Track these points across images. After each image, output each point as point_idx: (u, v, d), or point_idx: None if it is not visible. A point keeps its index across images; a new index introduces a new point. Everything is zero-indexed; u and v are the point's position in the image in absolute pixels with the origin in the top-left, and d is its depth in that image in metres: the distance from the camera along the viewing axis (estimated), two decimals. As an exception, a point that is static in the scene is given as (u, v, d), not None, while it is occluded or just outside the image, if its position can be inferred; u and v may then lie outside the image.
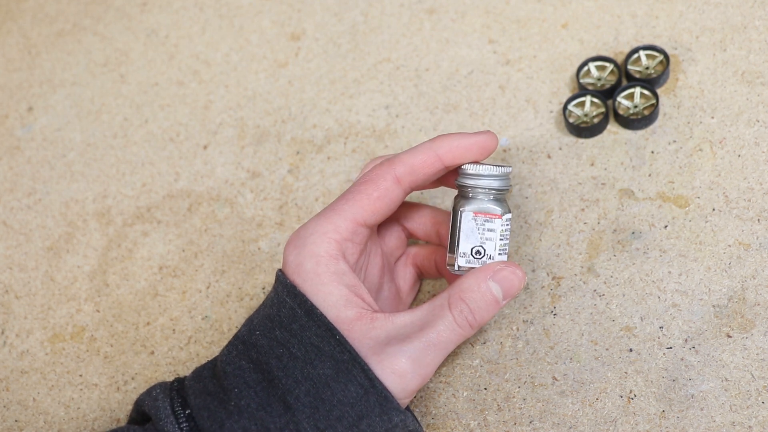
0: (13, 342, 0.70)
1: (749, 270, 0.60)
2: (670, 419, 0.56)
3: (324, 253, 0.53)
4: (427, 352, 0.52)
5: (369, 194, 0.55)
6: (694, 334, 0.59)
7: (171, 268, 0.70)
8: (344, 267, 0.53)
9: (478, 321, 0.53)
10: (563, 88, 0.71)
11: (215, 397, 0.52)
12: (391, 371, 0.51)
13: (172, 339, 0.67)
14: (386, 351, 0.51)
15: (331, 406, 0.50)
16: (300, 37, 0.79)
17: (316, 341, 0.51)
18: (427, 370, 0.52)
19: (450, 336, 0.52)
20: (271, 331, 0.53)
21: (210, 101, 0.78)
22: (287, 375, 0.51)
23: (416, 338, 0.52)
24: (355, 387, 0.50)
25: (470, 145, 0.55)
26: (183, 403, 0.53)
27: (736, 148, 0.65)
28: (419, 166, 0.55)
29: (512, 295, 0.54)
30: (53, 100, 0.82)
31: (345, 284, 0.53)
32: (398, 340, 0.52)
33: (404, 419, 0.51)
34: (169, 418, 0.52)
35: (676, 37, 0.70)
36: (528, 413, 0.58)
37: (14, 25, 0.88)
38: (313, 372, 0.51)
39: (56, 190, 0.77)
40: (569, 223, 0.65)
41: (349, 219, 0.54)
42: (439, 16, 0.77)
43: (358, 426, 0.50)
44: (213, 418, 0.51)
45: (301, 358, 0.51)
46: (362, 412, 0.50)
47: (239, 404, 0.51)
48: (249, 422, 0.51)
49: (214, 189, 0.73)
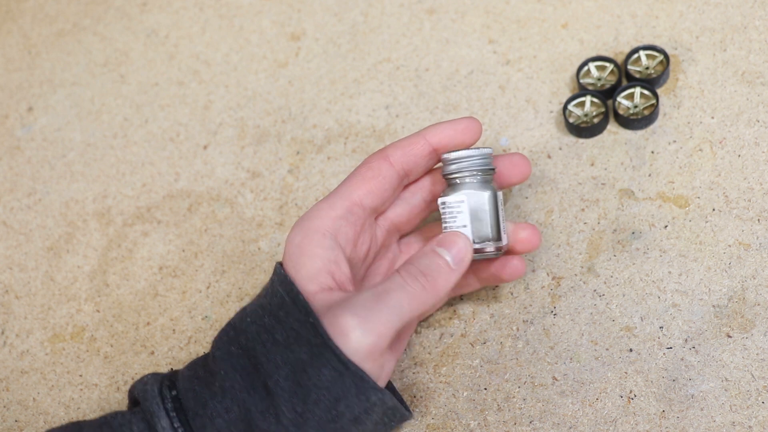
0: (13, 342, 0.70)
1: (749, 270, 0.60)
2: (670, 419, 0.56)
3: (314, 227, 0.55)
4: (373, 306, 0.52)
5: (363, 175, 0.57)
6: (694, 334, 0.59)
7: (171, 268, 0.70)
8: (329, 242, 0.55)
9: (430, 282, 0.53)
10: (563, 88, 0.71)
11: (202, 381, 0.54)
12: (339, 331, 0.51)
13: (172, 339, 0.67)
14: (332, 311, 0.52)
15: (308, 390, 0.51)
16: (300, 37, 0.79)
17: (296, 326, 0.52)
18: (380, 328, 0.51)
19: (400, 294, 0.52)
20: (261, 318, 0.54)
21: (210, 101, 0.78)
22: (269, 360, 0.52)
23: (361, 294, 0.52)
24: (329, 371, 0.51)
25: (455, 127, 0.58)
26: (171, 386, 0.55)
27: (736, 148, 0.65)
28: (409, 148, 0.58)
29: (462, 260, 0.55)
30: (53, 100, 0.82)
31: (323, 258, 0.55)
32: (346, 301, 0.53)
33: (382, 397, 0.52)
34: (156, 399, 0.53)
35: (676, 37, 0.70)
36: (528, 413, 0.58)
37: (14, 25, 0.88)
38: (292, 357, 0.52)
39: (56, 190, 0.77)
40: (569, 223, 0.65)
41: (344, 198, 0.57)
42: (439, 16, 0.77)
43: (336, 408, 0.51)
44: (197, 399, 0.53)
45: (282, 343, 0.52)
46: (339, 394, 0.51)
47: (223, 385, 0.52)
48: (232, 403, 0.52)
49: (214, 189, 0.73)
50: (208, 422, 0.52)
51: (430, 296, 0.53)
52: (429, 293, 0.53)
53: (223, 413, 0.52)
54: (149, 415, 0.53)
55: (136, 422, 0.53)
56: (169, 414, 0.53)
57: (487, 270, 0.60)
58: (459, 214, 0.56)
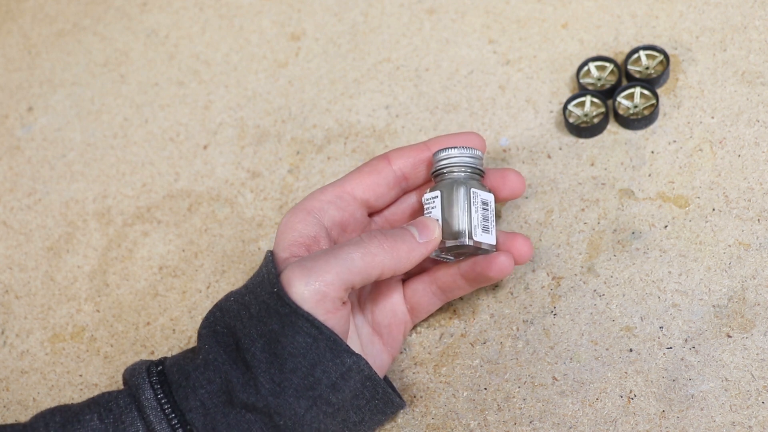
0: (13, 342, 0.70)
1: (749, 270, 0.60)
2: (670, 419, 0.56)
3: (300, 207, 0.57)
4: (321, 257, 0.53)
5: (360, 170, 0.59)
6: (694, 334, 0.59)
7: (171, 268, 0.70)
8: (311, 219, 0.57)
9: (390, 243, 0.54)
10: (563, 88, 0.71)
11: (187, 357, 0.55)
12: (286, 283, 0.53)
13: (172, 339, 0.67)
14: (285, 269, 0.53)
15: (283, 360, 0.52)
16: (300, 37, 0.79)
17: (266, 297, 0.53)
18: (324, 276, 0.52)
19: (353, 248, 0.53)
20: (243, 297, 0.55)
21: (210, 101, 0.78)
22: (245, 335, 0.53)
23: (316, 252, 0.55)
24: (302, 337, 0.52)
25: (457, 140, 0.59)
26: (158, 364, 0.56)
27: (736, 148, 0.65)
28: (408, 150, 0.60)
29: (429, 237, 0.56)
30: (53, 100, 0.82)
31: (301, 232, 0.56)
32: (300, 258, 0.54)
33: (357, 361, 0.53)
34: (142, 374, 0.55)
35: (676, 37, 0.70)
36: (528, 413, 0.58)
37: (14, 25, 0.88)
38: (265, 329, 0.53)
39: (56, 190, 0.77)
40: (569, 223, 0.65)
41: (336, 186, 0.58)
42: (439, 16, 0.77)
43: (313, 374, 0.52)
44: (180, 371, 0.54)
45: (255, 316, 0.53)
46: (314, 359, 0.52)
47: (207, 358, 0.54)
48: (214, 374, 0.53)
49: (214, 189, 0.73)
50: (191, 392, 0.53)
51: (388, 257, 0.54)
52: (387, 253, 0.54)
53: (206, 384, 0.53)
54: (134, 389, 0.54)
55: (122, 397, 0.55)
56: (154, 386, 0.54)
57: (473, 269, 0.59)
58: (433, 209, 0.58)
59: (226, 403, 0.53)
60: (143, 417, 0.53)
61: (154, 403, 0.53)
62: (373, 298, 0.61)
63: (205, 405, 0.53)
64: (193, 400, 0.53)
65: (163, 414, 0.53)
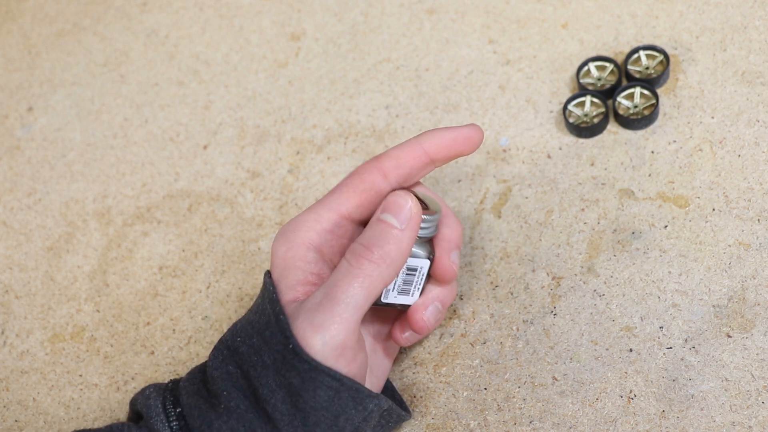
0: (13, 342, 0.70)
1: (749, 270, 0.60)
2: (670, 419, 0.56)
3: (298, 240, 0.54)
4: (325, 306, 0.50)
5: (355, 187, 0.55)
6: (694, 334, 0.59)
7: (171, 268, 0.70)
8: (313, 255, 0.54)
9: (378, 254, 0.51)
10: (563, 88, 0.71)
11: (206, 400, 0.53)
12: (303, 343, 0.50)
13: (172, 339, 0.67)
14: (294, 323, 0.51)
15: (306, 413, 0.51)
16: (300, 37, 0.79)
17: (281, 349, 0.51)
18: (336, 327, 0.50)
19: (348, 282, 0.50)
20: (250, 338, 0.53)
21: (210, 101, 0.78)
22: (262, 384, 0.51)
23: (314, 295, 0.51)
24: (324, 391, 0.50)
25: (455, 137, 0.55)
26: (175, 402, 0.54)
27: (736, 148, 0.65)
28: (405, 159, 0.54)
29: (405, 217, 0.52)
30: (53, 100, 0.82)
31: (305, 271, 0.53)
32: (302, 307, 0.52)
33: (378, 403, 0.52)
34: (160, 416, 0.53)
35: (676, 37, 0.70)
36: (528, 413, 0.58)
37: (14, 25, 0.88)
38: (284, 381, 0.51)
39: (56, 190, 0.77)
40: (569, 223, 0.65)
41: (333, 210, 0.54)
42: (439, 16, 0.77)
43: (336, 424, 0.51)
44: (203, 418, 0.52)
45: (271, 366, 0.51)
46: (338, 411, 0.51)
47: (228, 406, 0.52)
48: (237, 423, 0.51)
49: (214, 189, 0.73)
50: None
51: (383, 269, 0.51)
52: (380, 266, 0.51)
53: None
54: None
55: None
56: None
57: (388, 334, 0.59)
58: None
59: None
60: None
61: None
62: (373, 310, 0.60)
63: None
64: None
65: None
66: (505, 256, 0.64)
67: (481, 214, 0.67)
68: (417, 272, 0.56)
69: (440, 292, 0.57)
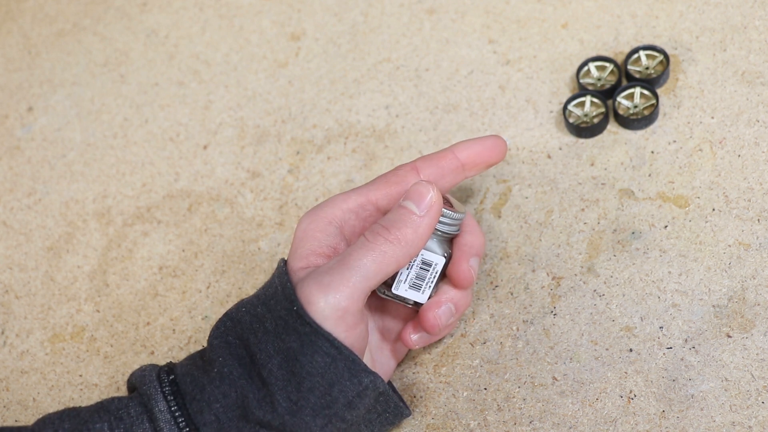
0: (13, 342, 0.70)
1: (749, 270, 0.60)
2: (670, 419, 0.56)
3: (322, 214, 0.56)
4: (336, 270, 0.52)
5: (387, 179, 0.58)
6: (694, 334, 0.59)
7: (171, 268, 0.70)
8: (332, 230, 0.56)
9: (394, 234, 0.53)
10: (563, 88, 0.71)
11: (200, 368, 0.54)
12: (306, 301, 0.52)
13: (172, 339, 0.67)
14: (301, 283, 0.53)
15: (301, 379, 0.51)
16: (300, 37, 0.79)
17: (284, 314, 0.53)
18: (343, 290, 0.51)
19: (362, 253, 0.52)
20: (255, 308, 0.54)
21: (210, 101, 0.78)
22: (260, 350, 0.52)
23: (328, 262, 0.53)
24: (321, 357, 0.51)
25: (483, 143, 0.58)
26: (169, 372, 0.55)
27: (736, 148, 0.65)
28: (437, 159, 0.58)
29: (426, 204, 0.54)
30: (53, 100, 0.82)
31: (321, 241, 0.55)
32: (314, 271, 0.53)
33: (374, 380, 0.52)
34: (153, 383, 0.54)
35: (676, 37, 0.70)
36: (528, 413, 0.58)
37: (14, 25, 0.88)
38: (283, 346, 0.52)
39: (56, 190, 0.77)
40: (569, 223, 0.65)
41: (361, 194, 0.57)
42: (439, 16, 0.77)
43: (330, 394, 0.52)
44: (195, 383, 0.53)
45: (272, 332, 0.53)
46: (332, 379, 0.51)
47: (222, 371, 0.53)
48: (229, 388, 0.52)
49: (214, 189, 0.73)
50: (206, 406, 0.52)
51: (398, 248, 0.53)
52: (395, 246, 0.53)
53: (221, 398, 0.52)
54: (146, 399, 0.53)
55: (133, 406, 0.54)
56: (167, 397, 0.53)
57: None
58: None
59: (240, 419, 0.52)
60: (156, 429, 0.53)
61: (167, 416, 0.52)
62: (383, 303, 0.61)
63: (219, 420, 0.52)
64: (207, 414, 0.52)
65: (177, 428, 0.52)
66: (505, 256, 0.64)
67: (481, 214, 0.67)
68: (431, 268, 0.57)
69: (455, 295, 0.58)
